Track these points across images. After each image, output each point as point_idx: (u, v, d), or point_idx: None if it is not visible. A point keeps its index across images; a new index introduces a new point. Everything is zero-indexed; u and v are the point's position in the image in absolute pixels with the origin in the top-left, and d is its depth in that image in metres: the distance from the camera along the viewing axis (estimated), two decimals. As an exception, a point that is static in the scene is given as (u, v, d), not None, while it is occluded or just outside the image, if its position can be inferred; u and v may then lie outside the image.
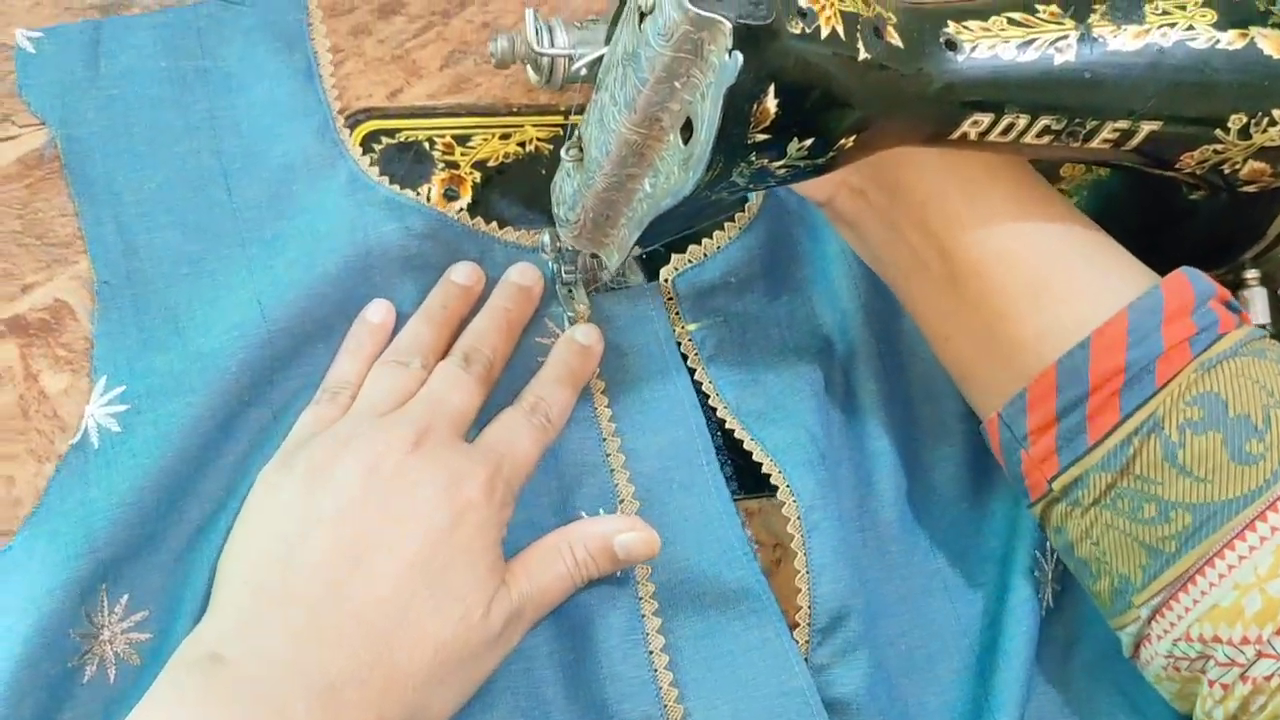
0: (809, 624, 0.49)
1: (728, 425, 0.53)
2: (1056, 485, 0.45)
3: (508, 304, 0.52)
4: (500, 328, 0.52)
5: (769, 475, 0.51)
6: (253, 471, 0.48)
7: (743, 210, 0.58)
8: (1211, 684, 0.42)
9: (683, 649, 0.49)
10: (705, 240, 0.57)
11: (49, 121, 0.53)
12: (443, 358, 0.50)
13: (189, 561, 0.46)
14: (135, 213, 0.52)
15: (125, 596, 0.45)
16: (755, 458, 0.52)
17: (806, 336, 0.56)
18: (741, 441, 0.53)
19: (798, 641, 0.49)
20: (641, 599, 0.49)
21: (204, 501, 0.47)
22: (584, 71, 0.46)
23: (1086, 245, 0.47)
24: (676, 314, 0.55)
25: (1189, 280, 0.45)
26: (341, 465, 0.45)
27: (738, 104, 0.37)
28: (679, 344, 0.55)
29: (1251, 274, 0.52)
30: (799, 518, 0.50)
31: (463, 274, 0.53)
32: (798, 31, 0.37)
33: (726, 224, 0.57)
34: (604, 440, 0.52)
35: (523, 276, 0.53)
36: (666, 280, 0.56)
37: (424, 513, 0.44)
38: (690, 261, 0.56)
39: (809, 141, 0.40)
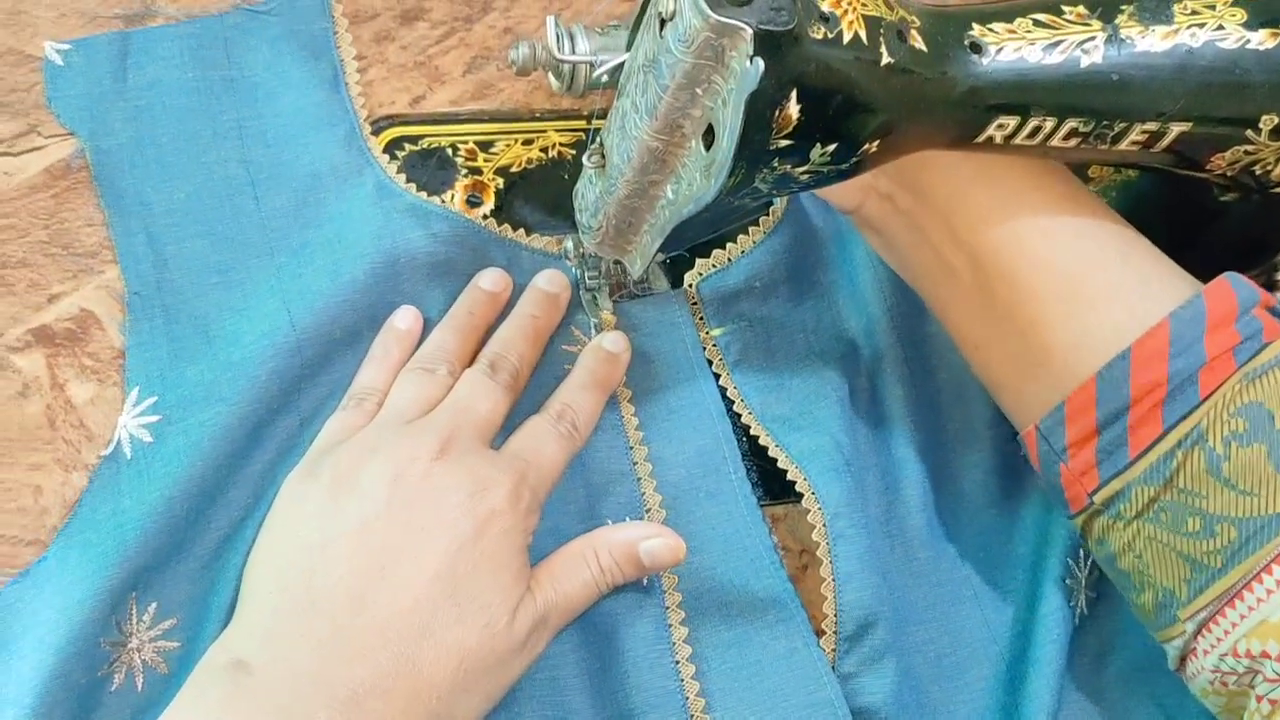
0: (835, 632, 0.49)
1: (752, 431, 0.53)
2: (1097, 498, 0.44)
3: (535, 311, 0.52)
4: (527, 335, 0.51)
5: (794, 482, 0.51)
6: (279, 479, 0.48)
7: (767, 215, 0.57)
8: (1259, 699, 0.41)
9: (709, 658, 0.48)
10: (730, 245, 0.57)
11: (78, 133, 0.53)
12: (470, 365, 0.50)
13: (216, 569, 0.47)
14: (165, 223, 0.52)
15: (153, 605, 0.46)
16: (780, 464, 0.52)
17: (832, 341, 0.56)
18: (766, 448, 0.52)
19: (824, 649, 0.49)
20: (668, 608, 0.49)
21: (231, 509, 0.48)
22: (605, 78, 0.46)
23: (1123, 248, 0.46)
24: (701, 319, 0.55)
25: (1232, 287, 0.44)
26: (366, 473, 0.45)
27: (760, 110, 0.37)
28: (703, 349, 0.55)
29: (1285, 275, 0.51)
30: (824, 525, 0.50)
31: (490, 280, 0.53)
32: (819, 37, 0.37)
33: (751, 228, 0.57)
34: (631, 448, 0.52)
35: (550, 284, 0.53)
36: (691, 285, 0.56)
37: (449, 521, 0.44)
38: (714, 266, 0.56)
39: (832, 147, 0.39)
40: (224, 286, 0.51)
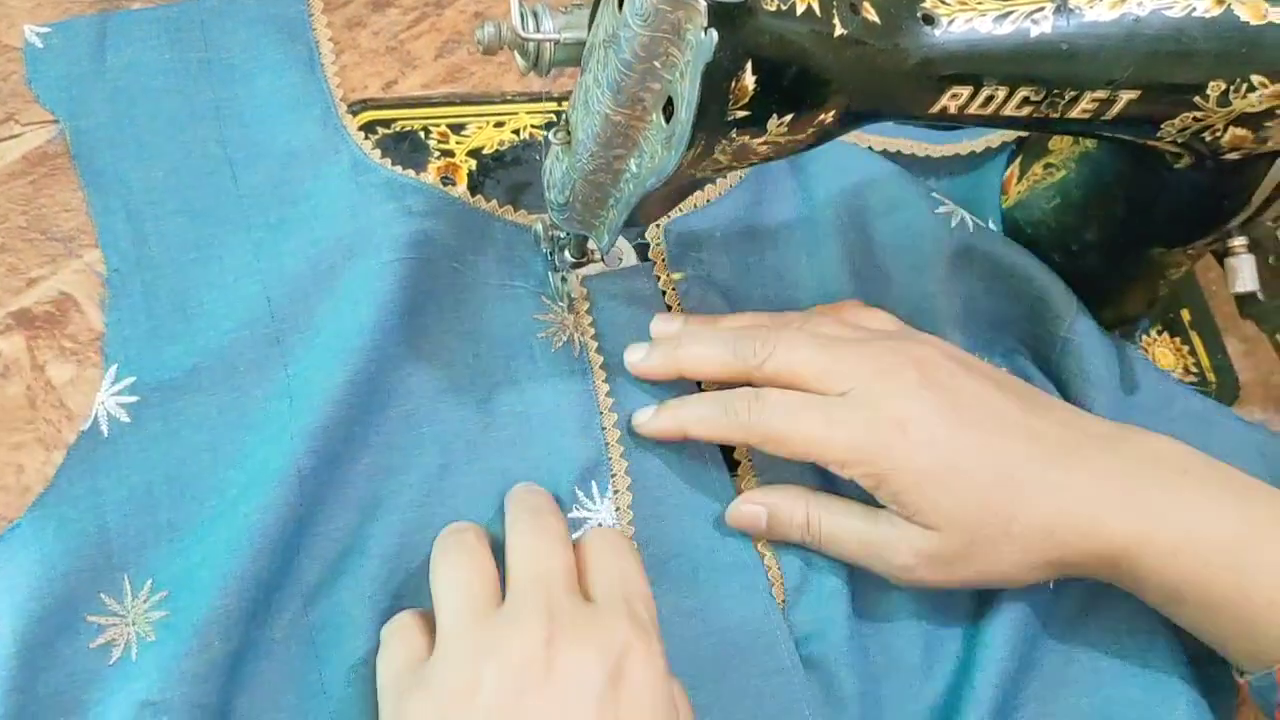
0: (782, 583, 0.51)
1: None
2: None
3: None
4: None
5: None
6: (275, 458, 0.48)
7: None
8: None
9: (674, 623, 0.49)
10: (697, 191, 0.58)
11: (57, 114, 0.54)
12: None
13: (209, 544, 0.47)
14: (144, 200, 0.53)
15: (149, 582, 0.46)
16: None
17: (790, 299, 0.57)
18: None
19: (775, 599, 0.50)
20: None
21: (224, 489, 0.48)
22: (567, 55, 0.47)
23: None
24: (663, 261, 0.57)
25: None
26: (486, 687, 0.40)
27: (716, 81, 0.38)
28: (664, 293, 0.56)
29: (1238, 241, 0.52)
30: (754, 476, 0.52)
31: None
32: (773, 9, 0.38)
33: (719, 179, 0.58)
34: (600, 414, 0.52)
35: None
36: (658, 225, 0.57)
37: (598, 707, 0.40)
38: (681, 210, 0.57)
39: (789, 117, 0.40)
40: (202, 262, 0.52)
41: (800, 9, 0.38)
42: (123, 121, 0.54)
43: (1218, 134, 0.46)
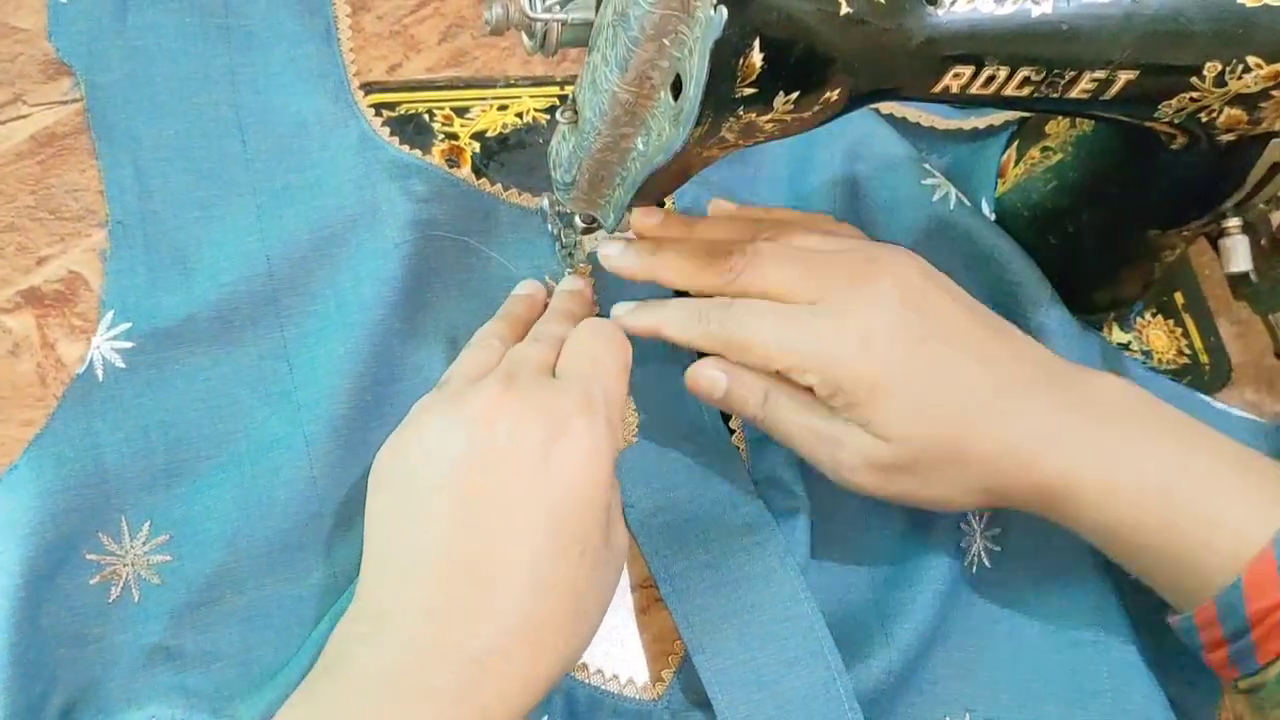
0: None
1: None
2: (1241, 685, 0.46)
3: (569, 305, 0.53)
4: (563, 320, 0.51)
5: None
6: (278, 424, 0.50)
7: None
8: None
9: (688, 577, 0.50)
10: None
11: (75, 67, 0.55)
12: None
13: (208, 493, 0.49)
14: (153, 157, 0.54)
15: (147, 524, 0.48)
16: None
17: None
18: None
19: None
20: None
21: (222, 441, 0.49)
22: (574, 36, 0.48)
23: (1224, 473, 0.47)
24: None
25: None
26: (438, 429, 0.43)
27: (724, 58, 0.38)
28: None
29: (1233, 223, 0.53)
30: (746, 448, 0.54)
31: (527, 287, 0.54)
32: (780, -14, 0.38)
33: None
34: None
35: (573, 284, 0.55)
36: None
37: (533, 458, 0.42)
38: None
39: (794, 95, 0.41)
40: (205, 221, 0.53)
41: (807, -13, 0.39)
42: (139, 79, 0.55)
43: (1214, 115, 0.47)
